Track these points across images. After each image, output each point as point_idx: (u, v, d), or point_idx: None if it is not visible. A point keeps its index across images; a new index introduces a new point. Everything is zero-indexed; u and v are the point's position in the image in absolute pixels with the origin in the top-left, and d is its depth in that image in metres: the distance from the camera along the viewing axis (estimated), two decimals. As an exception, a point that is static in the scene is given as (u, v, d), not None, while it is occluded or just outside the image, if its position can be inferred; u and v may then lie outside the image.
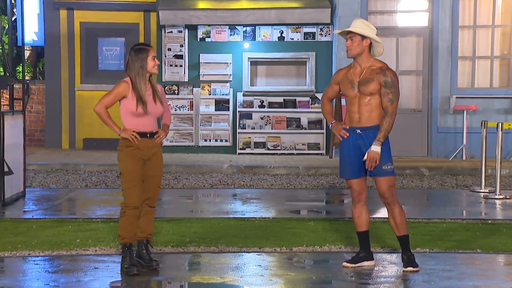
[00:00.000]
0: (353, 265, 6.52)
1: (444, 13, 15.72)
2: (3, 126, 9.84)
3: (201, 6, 16.20)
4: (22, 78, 10.98)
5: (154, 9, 16.78)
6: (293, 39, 16.32)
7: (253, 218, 9.04)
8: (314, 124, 16.08)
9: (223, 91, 16.34)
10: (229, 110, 16.30)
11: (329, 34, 16.22)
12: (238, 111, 16.17)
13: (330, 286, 6.02)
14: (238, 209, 9.92)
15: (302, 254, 7.11)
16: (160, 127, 6.57)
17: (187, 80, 16.37)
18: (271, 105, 16.23)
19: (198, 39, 16.35)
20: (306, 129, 16.18)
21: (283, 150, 16.12)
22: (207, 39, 16.34)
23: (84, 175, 13.17)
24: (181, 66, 16.35)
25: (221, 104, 16.33)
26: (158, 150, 6.52)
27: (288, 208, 10.05)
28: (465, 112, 15.40)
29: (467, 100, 15.64)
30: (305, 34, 16.29)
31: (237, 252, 7.23)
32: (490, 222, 9.00)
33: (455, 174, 13.74)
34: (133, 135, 6.35)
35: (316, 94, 16.12)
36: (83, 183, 12.22)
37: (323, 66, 16.18)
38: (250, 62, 16.38)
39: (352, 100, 6.44)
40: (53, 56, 17.52)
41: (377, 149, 6.27)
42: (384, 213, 6.81)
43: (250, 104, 16.22)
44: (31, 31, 17.71)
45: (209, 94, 16.33)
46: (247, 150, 16.10)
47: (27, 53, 21.96)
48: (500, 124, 11.21)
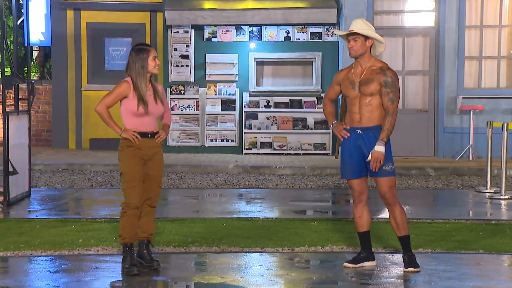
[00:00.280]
0: (354, 265, 6.52)
1: (450, 13, 15.67)
2: (8, 126, 9.88)
3: (207, 6, 16.20)
4: (27, 78, 11.00)
5: (160, 9, 16.78)
6: (299, 39, 16.30)
7: (256, 218, 9.03)
8: (320, 124, 16.06)
9: (229, 91, 16.33)
10: (235, 110, 16.30)
11: (335, 34, 16.20)
12: (244, 111, 16.16)
13: (330, 286, 6.00)
14: (242, 209, 9.91)
15: (304, 255, 7.10)
16: (160, 128, 6.59)
17: (193, 80, 16.37)
18: (277, 105, 16.21)
19: (204, 39, 16.35)
20: (312, 129, 16.16)
21: (289, 150, 16.10)
22: (213, 39, 16.34)
23: (89, 175, 13.19)
24: (187, 66, 16.35)
25: (227, 104, 16.33)
26: (158, 150, 6.53)
27: (292, 208, 10.03)
28: (471, 112, 15.35)
29: (474, 100, 15.59)
30: (311, 34, 16.26)
31: (238, 252, 7.23)
32: (494, 222, 8.96)
33: (461, 175, 13.69)
34: (133, 135, 6.36)
35: (322, 94, 16.07)
36: (89, 183, 12.24)
37: (329, 66, 16.15)
38: (256, 62, 16.37)
39: (353, 100, 6.44)
40: (60, 56, 17.54)
41: (381, 149, 6.26)
42: (386, 213, 6.79)
43: (256, 104, 16.22)
44: (38, 32, 17.76)
45: (215, 94, 16.33)
46: (253, 150, 16.09)
47: (35, 53, 21.99)
48: (505, 124, 11.17)
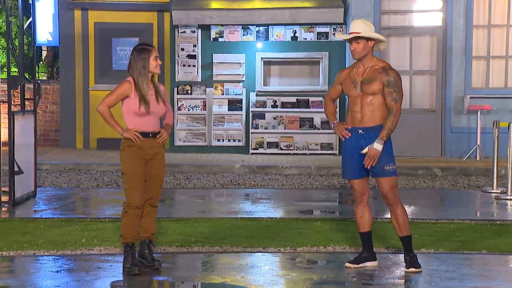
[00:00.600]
0: (355, 265, 6.50)
1: (458, 12, 15.62)
2: (14, 126, 9.90)
3: (214, 6, 16.20)
4: (33, 78, 11.02)
5: (167, 9, 16.79)
6: (306, 39, 16.29)
7: (260, 218, 9.02)
8: (327, 124, 16.02)
9: (236, 91, 16.33)
10: (242, 110, 16.30)
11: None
12: (251, 111, 16.16)
13: (331, 286, 5.98)
14: (247, 209, 9.91)
15: (306, 255, 7.09)
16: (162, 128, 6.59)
17: (200, 80, 16.38)
18: (284, 105, 16.21)
19: (211, 39, 16.36)
20: (319, 129, 16.15)
21: (296, 150, 16.09)
22: (220, 39, 16.34)
23: (96, 175, 13.21)
24: (194, 66, 16.36)
25: (234, 104, 16.33)
26: (160, 150, 6.54)
27: (296, 208, 10.02)
28: (479, 112, 15.29)
29: (481, 100, 15.54)
30: (318, 34, 16.25)
31: (240, 252, 7.23)
32: (498, 223, 8.91)
33: (468, 175, 13.64)
34: (135, 135, 6.36)
35: (329, 94, 16.04)
36: (95, 183, 12.26)
37: (336, 66, 16.12)
38: (263, 62, 16.37)
39: (354, 99, 6.43)
40: (67, 56, 17.58)
41: (379, 147, 6.24)
42: (389, 213, 6.77)
43: (263, 104, 16.21)
44: (46, 32, 17.82)
45: (222, 94, 16.33)
46: (260, 150, 16.08)
47: (44, 53, 22.05)
48: (511, 124, 11.12)
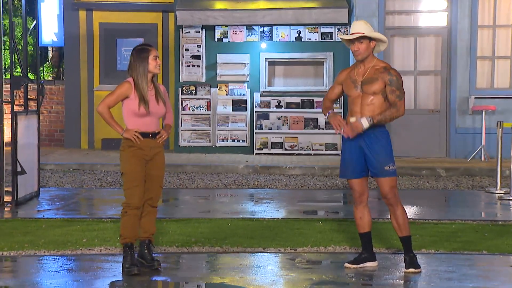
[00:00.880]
0: (355, 266, 6.50)
1: (463, 12, 15.59)
2: (17, 126, 9.92)
3: (218, 6, 16.21)
4: (37, 79, 11.05)
5: (172, 9, 16.80)
6: (310, 39, 16.28)
7: (261, 218, 9.02)
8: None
9: (241, 92, 16.33)
10: (246, 111, 16.29)
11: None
12: (256, 112, 16.16)
13: (330, 286, 5.97)
14: (249, 209, 9.91)
15: (306, 255, 7.08)
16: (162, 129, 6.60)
17: (205, 80, 16.38)
18: (289, 105, 16.19)
19: (216, 40, 16.36)
20: (323, 129, 16.13)
21: (300, 150, 16.08)
22: (225, 40, 16.35)
23: (100, 175, 13.23)
24: (198, 66, 16.36)
25: (238, 104, 16.33)
26: (160, 150, 6.54)
27: (299, 208, 10.01)
28: (483, 112, 15.25)
29: (486, 100, 15.50)
30: (322, 34, 16.23)
31: (240, 252, 7.22)
32: (500, 223, 8.89)
33: (472, 175, 13.61)
34: (135, 135, 6.37)
35: (333, 95, 16.03)
36: (98, 183, 12.27)
37: (341, 66, 16.06)
38: (267, 63, 16.36)
39: (354, 100, 6.43)
40: (72, 56, 17.61)
41: (365, 123, 6.20)
42: (388, 213, 6.75)
43: (268, 104, 16.20)
44: (51, 32, 17.85)
45: (226, 95, 16.33)
46: (264, 151, 16.08)
47: (50, 54, 22.09)
48: (514, 124, 11.14)
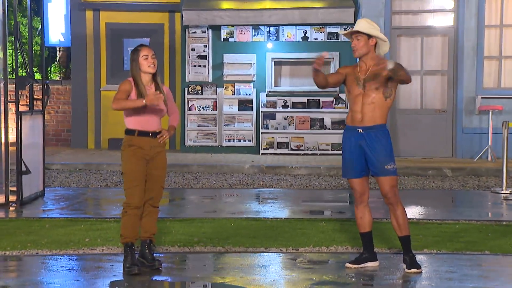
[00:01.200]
0: (356, 266, 6.49)
1: (469, 12, 15.54)
2: (21, 126, 9.94)
3: (224, 6, 16.21)
4: (42, 79, 11.07)
5: (178, 9, 16.80)
6: (316, 39, 16.26)
7: (265, 218, 9.01)
8: (338, 124, 16.00)
9: (247, 91, 16.33)
10: (252, 110, 16.29)
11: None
12: (262, 111, 16.15)
13: (330, 287, 5.97)
14: (253, 209, 9.90)
15: (308, 255, 7.06)
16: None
17: (211, 80, 16.39)
18: (295, 105, 16.18)
19: (222, 39, 16.36)
20: (329, 129, 16.11)
21: (307, 150, 16.06)
22: (231, 39, 16.35)
23: (105, 175, 13.25)
24: (204, 66, 16.37)
25: (244, 104, 16.33)
26: (161, 150, 6.55)
27: (303, 208, 10.00)
28: (490, 112, 15.20)
29: (493, 100, 15.45)
30: (329, 34, 16.21)
31: (242, 252, 7.21)
32: (505, 223, 8.85)
33: (479, 175, 13.57)
34: (157, 96, 6.23)
35: (340, 95, 16.04)
36: (104, 183, 12.29)
37: (347, 66, 16.06)
38: (273, 62, 16.35)
39: (355, 99, 6.42)
40: (79, 56, 17.65)
41: (391, 64, 6.13)
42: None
43: (274, 104, 16.20)
44: (58, 32, 17.89)
45: (232, 94, 16.33)
46: (271, 151, 16.07)
47: (59, 54, 22.13)
48: (520, 124, 11.09)
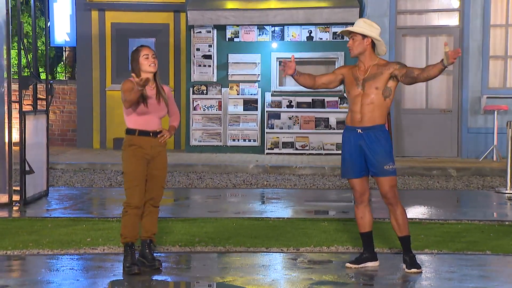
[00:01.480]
0: (356, 266, 6.48)
1: (475, 12, 15.51)
2: (25, 126, 9.96)
3: (229, 6, 16.22)
4: (46, 78, 11.09)
5: (183, 9, 16.81)
6: (321, 39, 16.25)
7: (267, 218, 9.00)
8: (343, 124, 15.94)
9: (252, 91, 16.33)
10: (257, 110, 16.29)
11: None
12: (267, 111, 16.16)
13: (330, 286, 5.96)
14: (256, 209, 9.90)
15: (308, 255, 7.06)
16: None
17: (216, 80, 16.40)
18: (300, 105, 16.18)
19: (227, 39, 16.37)
20: (334, 129, 16.11)
21: (311, 150, 16.06)
22: (236, 39, 16.35)
23: (110, 175, 13.27)
24: (209, 66, 16.37)
25: (249, 104, 16.33)
26: (162, 150, 6.54)
27: (306, 208, 9.99)
28: (496, 112, 15.17)
29: (498, 100, 15.42)
30: (333, 33, 16.20)
31: (243, 252, 7.21)
32: (507, 223, 8.81)
33: (484, 175, 13.54)
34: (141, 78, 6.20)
35: (345, 94, 16.02)
36: (108, 183, 12.31)
37: (352, 66, 16.04)
38: (278, 62, 16.35)
39: (354, 99, 6.40)
40: (84, 56, 17.68)
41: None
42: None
43: (279, 104, 16.20)
44: (64, 32, 17.93)
45: (237, 94, 16.34)
46: (275, 150, 16.07)
47: (65, 54, 22.16)
48: (524, 124, 11.06)
